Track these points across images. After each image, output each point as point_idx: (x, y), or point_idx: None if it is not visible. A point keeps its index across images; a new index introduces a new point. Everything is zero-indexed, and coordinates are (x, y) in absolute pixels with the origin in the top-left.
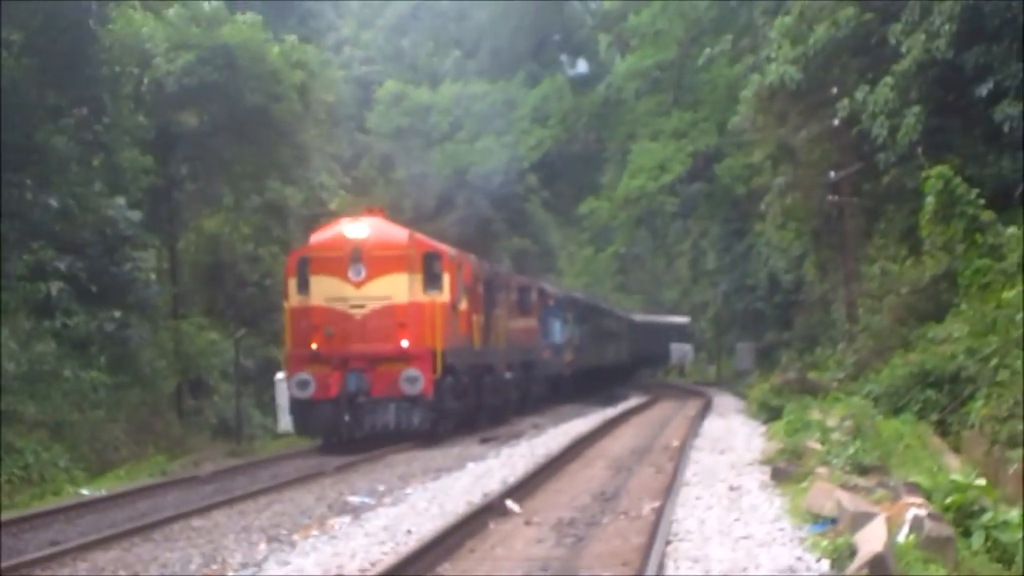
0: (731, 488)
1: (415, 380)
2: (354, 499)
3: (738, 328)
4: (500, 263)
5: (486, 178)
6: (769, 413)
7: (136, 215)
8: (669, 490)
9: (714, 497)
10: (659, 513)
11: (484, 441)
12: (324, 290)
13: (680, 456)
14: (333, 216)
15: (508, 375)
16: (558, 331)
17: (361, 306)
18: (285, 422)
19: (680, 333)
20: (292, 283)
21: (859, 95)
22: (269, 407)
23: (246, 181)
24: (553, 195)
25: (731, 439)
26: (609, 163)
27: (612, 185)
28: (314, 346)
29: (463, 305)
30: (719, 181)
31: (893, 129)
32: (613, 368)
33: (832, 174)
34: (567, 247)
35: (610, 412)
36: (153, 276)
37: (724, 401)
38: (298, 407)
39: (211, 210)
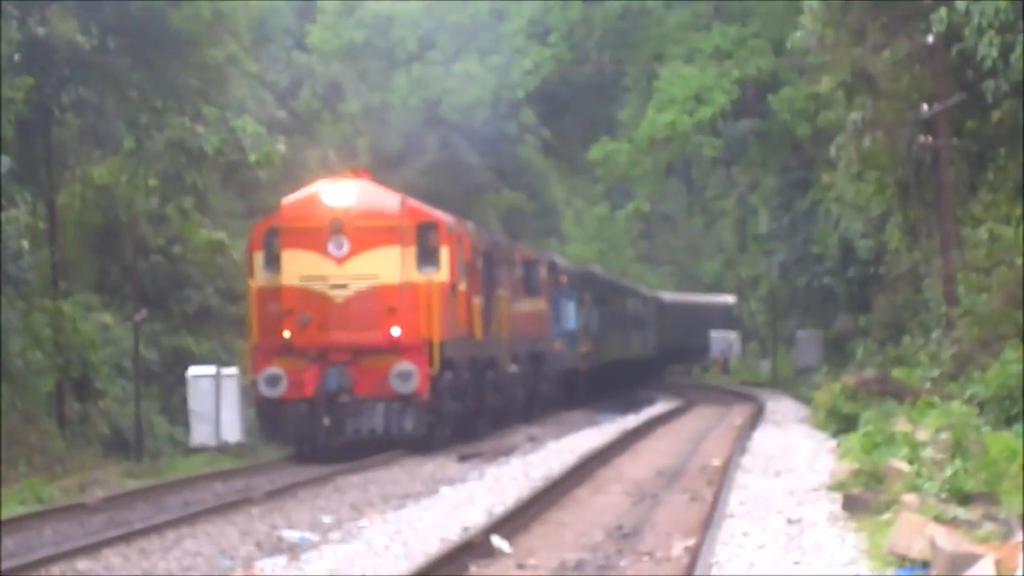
0: (789, 521)
1: (408, 376)
2: (291, 535)
3: (799, 311)
4: (485, 225)
5: (466, 113)
6: (840, 423)
7: (3, 162)
8: (708, 524)
9: (767, 533)
10: (694, 554)
11: (464, 459)
12: (298, 267)
13: (722, 479)
14: (257, 166)
15: (513, 370)
16: (572, 316)
17: (343, 286)
18: (201, 433)
19: (723, 318)
20: (258, 259)
21: (960, 4)
22: (179, 414)
23: (146, 113)
24: (556, 136)
25: (790, 457)
26: (630, 94)
27: (633, 122)
28: (286, 335)
29: (463, 286)
30: (775, 117)
31: (1005, 49)
32: (637, 363)
33: (924, 108)
34: (573, 204)
35: (631, 421)
36: (25, 243)
37: (781, 407)
38: (266, 408)
39: (102, 153)
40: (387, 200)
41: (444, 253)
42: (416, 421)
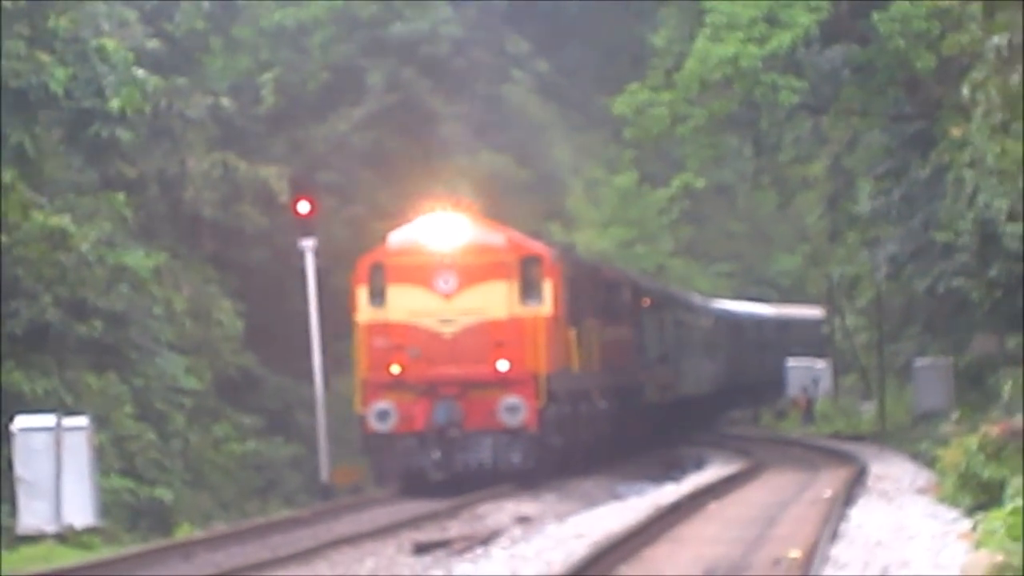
0: None
1: (516, 410)
2: None
3: (918, 330)
4: (459, 198)
5: (428, 38)
6: (978, 494)
7: None
8: None
9: None
10: None
11: (421, 550)
12: (406, 303)
13: None
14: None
15: (603, 405)
16: (655, 343)
17: (450, 322)
18: (34, 513)
19: (805, 339)
20: (363, 293)
21: None
22: (2, 484)
23: None
24: (558, 72)
25: (903, 547)
26: (668, 10)
27: (673, 54)
28: (395, 369)
29: (563, 318)
30: (882, 43)
31: None
32: (701, 401)
33: None
34: (585, 171)
35: (668, 493)
36: None
37: (891, 471)
38: (377, 443)
39: None
40: (492, 236)
41: (547, 287)
42: (525, 455)
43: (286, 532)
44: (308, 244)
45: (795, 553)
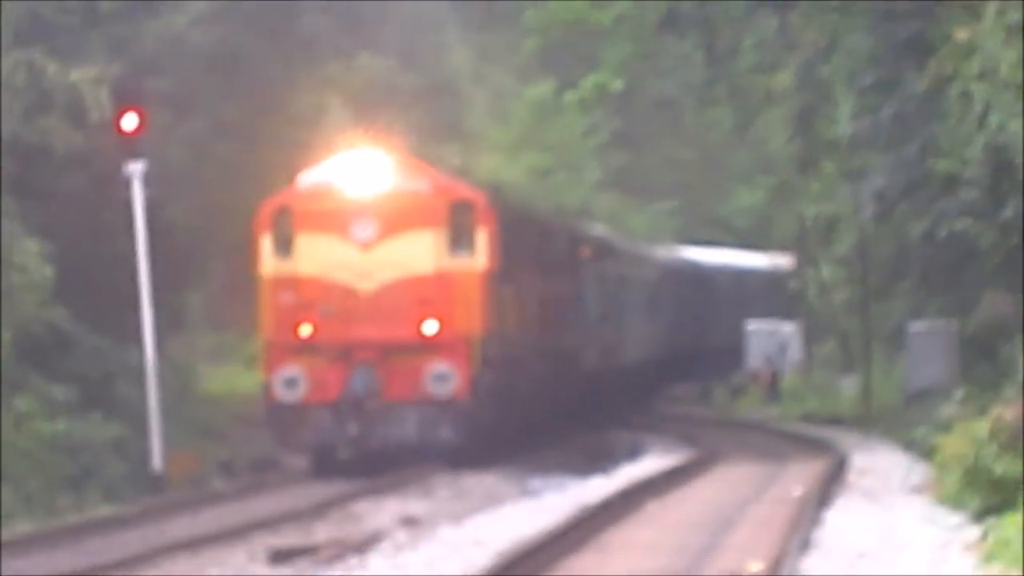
0: None
1: (446, 378)
2: None
3: (913, 285)
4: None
5: None
6: (988, 494)
7: None
8: None
9: None
10: None
11: (278, 559)
12: (318, 255)
13: None
14: None
15: (541, 373)
16: (596, 300)
17: (370, 276)
18: None
19: (768, 297)
20: (267, 242)
21: None
22: None
23: None
24: None
25: (892, 560)
26: None
27: None
28: (306, 331)
29: (499, 272)
30: None
31: None
32: (644, 371)
33: None
34: (488, 80)
35: (594, 489)
36: None
37: (877, 463)
38: (283, 415)
39: None
40: (418, 176)
41: (481, 237)
42: (455, 430)
43: (107, 534)
44: (135, 169)
45: (756, 566)
